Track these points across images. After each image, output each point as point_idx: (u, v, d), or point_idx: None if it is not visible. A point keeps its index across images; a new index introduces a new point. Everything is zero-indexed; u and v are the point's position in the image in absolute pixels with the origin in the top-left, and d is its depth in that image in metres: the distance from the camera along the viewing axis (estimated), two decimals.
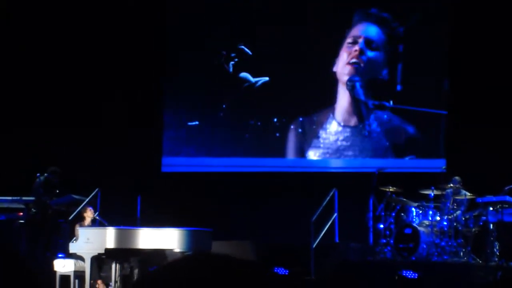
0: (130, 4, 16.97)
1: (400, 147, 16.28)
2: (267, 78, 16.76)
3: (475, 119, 15.56)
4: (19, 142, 16.37)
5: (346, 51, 16.51)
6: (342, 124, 16.52)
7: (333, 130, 16.55)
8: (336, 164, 16.57)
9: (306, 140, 16.63)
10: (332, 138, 16.53)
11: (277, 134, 16.67)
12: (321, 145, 16.56)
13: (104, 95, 16.75)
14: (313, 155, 16.61)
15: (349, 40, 16.55)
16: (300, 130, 16.65)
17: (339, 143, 16.49)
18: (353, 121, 16.50)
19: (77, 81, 16.77)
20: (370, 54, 16.45)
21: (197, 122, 17.01)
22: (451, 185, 13.49)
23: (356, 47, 16.44)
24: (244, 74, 16.74)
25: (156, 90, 17.05)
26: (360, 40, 16.50)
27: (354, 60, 16.43)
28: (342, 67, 16.50)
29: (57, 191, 14.26)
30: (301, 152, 16.66)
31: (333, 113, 16.56)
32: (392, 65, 16.38)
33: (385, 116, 16.32)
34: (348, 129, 16.48)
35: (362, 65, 16.43)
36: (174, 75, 17.15)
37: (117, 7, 16.93)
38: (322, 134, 16.58)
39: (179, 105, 17.12)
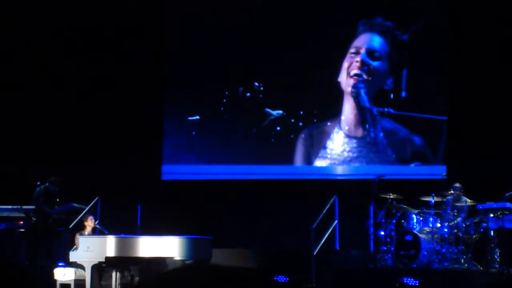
0: (129, 5, 16.98)
1: (406, 159, 16.28)
2: (281, 111, 16.75)
3: (475, 126, 15.57)
4: (19, 151, 16.37)
5: (348, 61, 16.49)
6: (348, 135, 16.51)
7: (340, 140, 16.53)
8: (336, 171, 16.57)
9: (314, 150, 16.61)
10: (339, 148, 16.52)
11: (280, 140, 16.68)
12: (328, 156, 16.55)
13: (104, 104, 16.73)
14: (320, 165, 16.60)
15: (351, 50, 16.53)
16: (308, 139, 16.62)
17: (346, 154, 16.48)
18: (359, 132, 16.49)
19: (77, 90, 16.76)
20: (373, 64, 16.42)
21: (198, 117, 16.98)
22: (452, 191, 13.48)
23: (358, 58, 16.42)
24: (268, 110, 16.69)
25: (155, 97, 17.04)
26: (362, 51, 16.46)
27: (355, 71, 16.40)
28: (346, 79, 16.48)
29: (58, 200, 14.26)
30: (308, 162, 16.65)
31: (340, 124, 16.55)
32: (397, 73, 16.36)
33: (392, 127, 16.30)
34: (354, 140, 16.48)
35: (365, 76, 16.41)
36: (174, 80, 17.14)
37: (113, 15, 16.93)
38: (329, 144, 16.57)
39: (179, 106, 17.10)
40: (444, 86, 16.21)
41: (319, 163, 16.61)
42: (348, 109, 16.52)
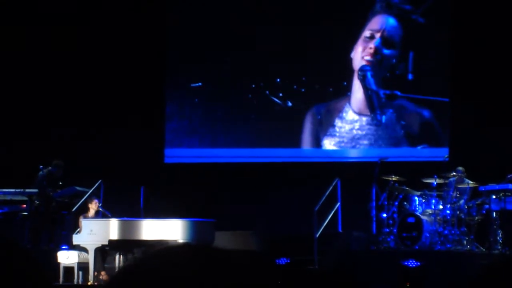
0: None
1: (414, 135, 16.23)
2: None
3: (478, 108, 15.55)
4: (22, 134, 16.38)
5: (362, 45, 16.35)
6: (357, 113, 16.47)
7: (349, 119, 16.49)
8: (340, 153, 16.55)
9: (322, 128, 16.57)
10: (348, 127, 16.48)
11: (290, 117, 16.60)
12: (337, 134, 16.51)
13: (106, 87, 16.72)
14: (328, 143, 16.56)
15: (366, 33, 16.35)
16: (316, 118, 16.57)
17: (354, 132, 16.45)
18: (368, 111, 16.44)
19: (78, 75, 16.75)
20: (386, 52, 16.32)
21: (200, 84, 16.92)
22: (454, 174, 13.48)
23: (372, 45, 16.27)
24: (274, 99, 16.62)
25: (158, 80, 17.02)
26: (377, 37, 16.31)
27: (368, 58, 16.32)
28: (358, 61, 16.39)
29: (60, 183, 14.28)
30: (317, 140, 16.60)
31: (349, 102, 16.52)
32: (405, 56, 16.28)
33: (401, 102, 16.24)
34: (363, 118, 16.44)
35: (375, 63, 16.31)
36: (176, 60, 17.10)
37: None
38: (338, 122, 16.53)
39: (181, 75, 17.08)
40: (448, 68, 16.16)
41: (327, 141, 16.55)
42: (358, 87, 16.46)
